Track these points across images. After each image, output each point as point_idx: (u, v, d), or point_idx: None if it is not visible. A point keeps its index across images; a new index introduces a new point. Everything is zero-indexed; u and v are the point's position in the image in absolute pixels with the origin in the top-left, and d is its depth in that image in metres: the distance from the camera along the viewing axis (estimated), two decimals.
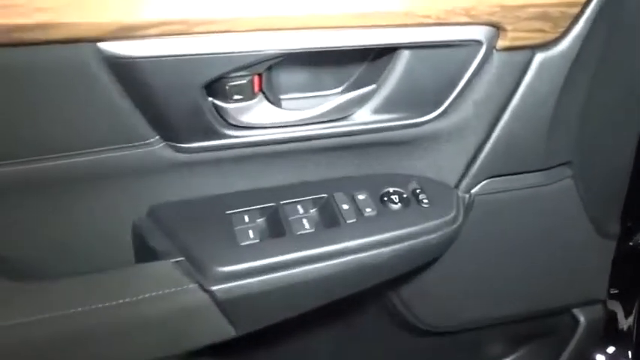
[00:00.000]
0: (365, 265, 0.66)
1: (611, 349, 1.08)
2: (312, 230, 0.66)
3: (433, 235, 0.69)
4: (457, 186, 0.76)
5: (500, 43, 0.66)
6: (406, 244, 0.68)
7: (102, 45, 0.52)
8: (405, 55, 0.64)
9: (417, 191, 0.73)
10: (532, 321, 0.97)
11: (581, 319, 0.98)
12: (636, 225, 1.02)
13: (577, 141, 0.80)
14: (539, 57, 0.69)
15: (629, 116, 0.82)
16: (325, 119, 0.66)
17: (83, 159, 0.59)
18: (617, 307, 1.11)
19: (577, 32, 0.68)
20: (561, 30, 0.67)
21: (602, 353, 1.07)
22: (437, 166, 0.75)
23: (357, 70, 0.68)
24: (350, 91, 0.66)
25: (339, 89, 0.68)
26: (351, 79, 0.68)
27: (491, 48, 0.66)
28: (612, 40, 0.73)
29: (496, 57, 0.67)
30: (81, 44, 0.52)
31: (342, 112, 0.66)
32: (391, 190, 0.73)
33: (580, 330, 0.99)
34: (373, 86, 0.66)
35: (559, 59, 0.69)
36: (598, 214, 0.87)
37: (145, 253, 0.66)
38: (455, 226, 0.71)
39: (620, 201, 0.89)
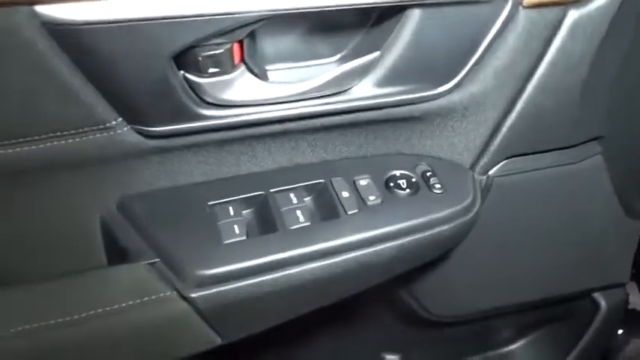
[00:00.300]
0: (368, 263, 0.57)
1: (622, 331, 1.03)
2: (308, 224, 0.57)
3: (447, 226, 0.60)
4: (473, 167, 0.67)
5: None
6: (416, 237, 0.59)
7: (39, 9, 0.43)
8: (414, 16, 0.54)
9: (428, 174, 0.63)
10: (551, 305, 0.90)
11: (602, 303, 0.91)
12: None
13: (609, 113, 0.70)
14: (572, 14, 0.59)
15: None
16: (319, 94, 0.56)
17: (32, 147, 0.50)
18: (632, 288, 1.06)
19: None
20: None
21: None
22: (450, 145, 0.65)
23: (357, 36, 0.58)
24: (349, 60, 0.56)
25: (336, 58, 0.58)
26: (350, 46, 0.58)
27: (517, 5, 0.57)
28: None
29: (522, 15, 0.58)
30: (13, 8, 0.42)
31: (339, 86, 0.56)
32: (398, 173, 0.63)
33: (601, 314, 0.92)
34: (376, 54, 0.56)
35: (595, 17, 0.60)
36: (628, 193, 0.78)
37: (115, 252, 0.58)
38: (472, 214, 0.62)
39: None
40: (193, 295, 0.52)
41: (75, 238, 0.59)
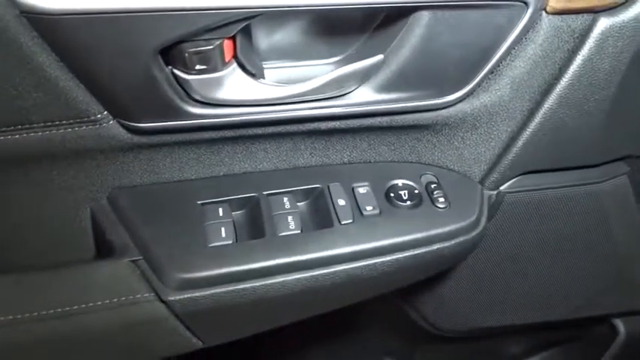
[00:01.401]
0: (359, 277, 0.54)
1: None
2: (298, 231, 0.54)
3: (448, 243, 0.57)
4: (483, 182, 0.63)
5: (553, 3, 0.52)
6: (413, 252, 0.55)
7: None
8: (423, 19, 0.50)
9: (433, 186, 0.59)
10: (564, 327, 0.85)
11: (622, 329, 0.86)
12: None
13: (638, 132, 0.64)
14: (602, 24, 0.54)
15: None
16: (317, 97, 0.52)
17: (15, 137, 0.48)
18: None
19: None
20: None
21: None
22: (459, 156, 0.61)
23: (361, 37, 0.54)
24: (350, 62, 0.52)
25: (337, 59, 0.55)
26: (353, 48, 0.55)
27: (539, 10, 0.52)
28: None
29: (545, 22, 0.53)
30: None
31: (338, 89, 0.53)
32: (400, 183, 0.60)
33: (619, 341, 0.86)
34: (379, 57, 0.52)
35: (628, 28, 0.54)
36: None
37: (103, 245, 0.56)
38: (476, 232, 0.58)
39: None
40: (172, 298, 0.50)
41: (65, 230, 0.58)
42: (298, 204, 0.58)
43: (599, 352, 0.89)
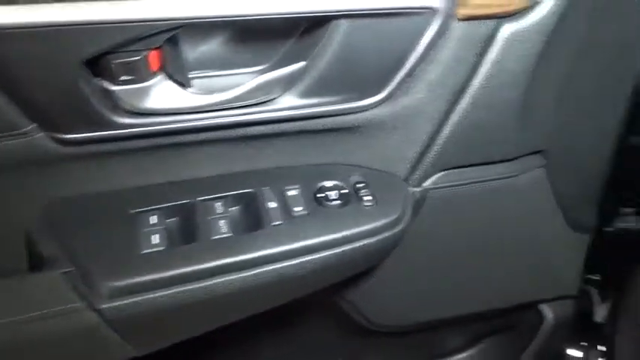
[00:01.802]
0: (290, 276, 0.56)
1: (583, 343, 1.02)
2: (230, 235, 0.56)
3: (373, 239, 0.59)
4: (407, 179, 0.66)
5: (461, 11, 0.56)
6: (341, 249, 0.58)
7: None
8: (341, 27, 0.53)
9: (360, 186, 0.62)
10: (495, 317, 0.89)
11: (549, 315, 0.91)
12: (615, 210, 0.93)
13: (553, 127, 0.69)
14: (507, 29, 0.58)
15: (612, 101, 0.72)
16: (243, 103, 0.55)
17: None
18: (594, 296, 1.04)
19: (553, 2, 0.58)
20: None
21: (574, 348, 1.00)
22: (384, 156, 0.65)
23: (284, 45, 0.57)
24: (275, 69, 0.55)
25: (262, 67, 0.57)
26: (277, 56, 0.57)
27: (449, 17, 0.56)
28: (597, 16, 0.63)
29: (456, 28, 0.57)
30: None
31: (264, 95, 0.55)
32: (330, 184, 0.62)
33: (546, 326, 0.91)
34: (302, 64, 0.55)
35: (531, 32, 0.59)
36: (572, 206, 0.78)
37: (36, 258, 0.56)
38: (399, 228, 0.61)
39: (596, 191, 0.80)
40: (104, 306, 0.51)
41: None
42: (231, 209, 0.59)
43: (529, 338, 0.94)
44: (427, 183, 0.67)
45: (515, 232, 0.77)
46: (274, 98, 0.56)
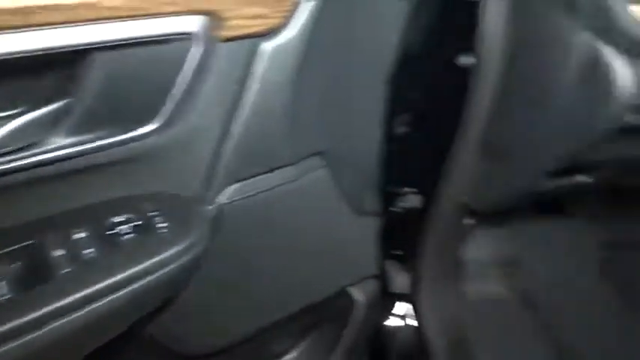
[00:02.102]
0: (84, 325, 0.52)
1: (397, 314, 1.12)
2: (9, 296, 0.50)
3: (173, 265, 0.58)
4: (201, 200, 0.67)
5: (222, 33, 0.58)
6: (139, 284, 0.55)
7: None
8: (98, 59, 0.51)
9: (153, 214, 0.61)
10: (312, 311, 0.95)
11: (357, 296, 0.99)
12: (395, 193, 1.05)
13: (326, 128, 0.76)
14: (267, 45, 0.63)
15: (371, 96, 0.81)
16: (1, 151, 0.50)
17: None
18: (399, 270, 1.13)
19: (305, 16, 0.64)
20: (284, 14, 0.62)
21: (389, 321, 1.10)
22: (174, 180, 0.65)
23: (42, 83, 0.53)
24: (34, 110, 0.51)
25: (20, 109, 0.52)
26: (36, 95, 0.53)
27: (211, 39, 0.58)
28: (350, 19, 0.70)
29: (220, 48, 0.59)
30: None
31: (25, 139, 0.51)
32: (119, 219, 0.60)
33: (357, 307, 0.99)
34: (65, 101, 0.52)
35: (288, 47, 0.64)
36: (355, 196, 0.86)
37: None
38: (198, 248, 0.61)
39: (376, 180, 0.90)
40: None
41: None
42: (11, 266, 0.54)
43: (346, 321, 1.01)
44: (221, 198, 0.69)
45: (310, 229, 0.83)
46: (39, 140, 0.52)
